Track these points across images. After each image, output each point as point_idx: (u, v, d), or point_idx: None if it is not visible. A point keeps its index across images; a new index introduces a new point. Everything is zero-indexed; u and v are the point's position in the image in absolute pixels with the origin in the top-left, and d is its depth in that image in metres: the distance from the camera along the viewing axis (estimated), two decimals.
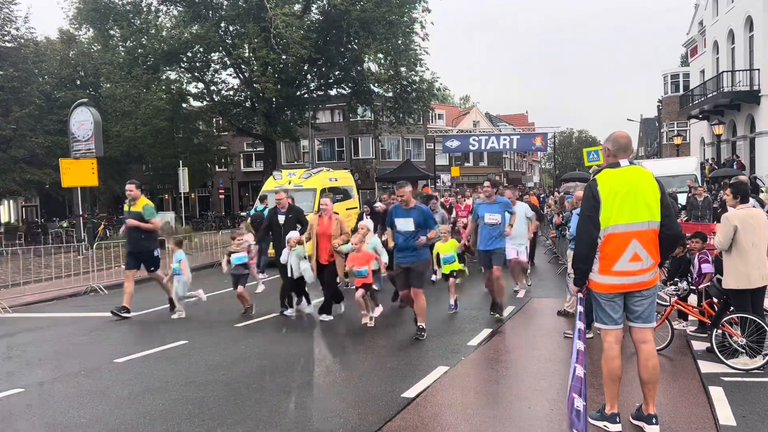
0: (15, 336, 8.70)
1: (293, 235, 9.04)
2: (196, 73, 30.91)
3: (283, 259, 8.96)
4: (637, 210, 4.25)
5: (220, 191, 46.58)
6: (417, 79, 29.51)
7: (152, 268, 9.93)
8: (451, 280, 9.18)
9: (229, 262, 9.78)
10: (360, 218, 12.55)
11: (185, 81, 31.55)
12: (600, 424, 4.50)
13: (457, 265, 9.15)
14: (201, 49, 29.31)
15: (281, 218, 9.70)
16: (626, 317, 4.48)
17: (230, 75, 31.66)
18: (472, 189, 19.73)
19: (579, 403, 3.77)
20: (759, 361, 5.79)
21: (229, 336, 8.12)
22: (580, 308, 4.55)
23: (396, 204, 8.07)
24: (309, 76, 31.70)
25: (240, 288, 9.51)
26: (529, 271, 12.85)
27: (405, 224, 7.65)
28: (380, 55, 28.06)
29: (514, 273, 10.64)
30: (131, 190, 9.76)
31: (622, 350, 4.52)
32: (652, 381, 4.39)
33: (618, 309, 4.40)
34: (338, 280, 9.34)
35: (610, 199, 4.25)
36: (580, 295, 4.63)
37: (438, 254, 9.32)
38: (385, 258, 8.94)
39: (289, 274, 8.91)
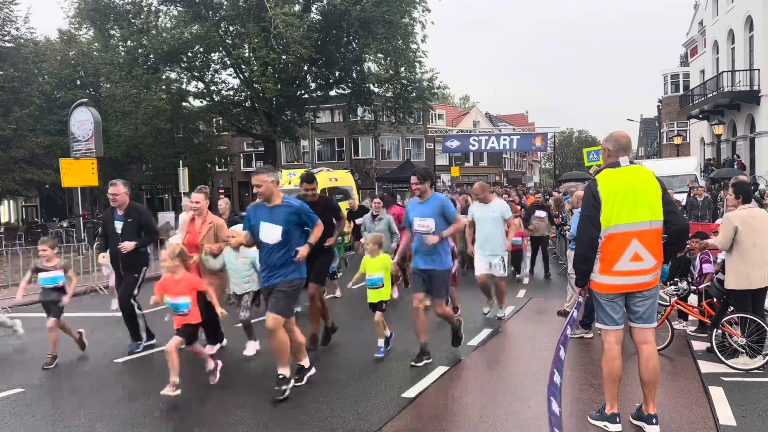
0: (15, 336, 8.69)
1: (176, 240, 7.06)
2: (195, 73, 30.92)
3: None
4: (638, 210, 4.24)
5: (220, 191, 46.54)
6: (417, 77, 29.52)
7: None
8: (378, 315, 6.66)
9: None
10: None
11: (185, 81, 31.57)
12: (600, 424, 4.50)
13: (386, 293, 6.73)
14: (201, 49, 29.30)
15: (118, 225, 7.10)
16: (627, 317, 4.48)
17: (230, 75, 31.67)
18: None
19: (555, 407, 3.74)
20: (759, 361, 5.79)
21: (229, 336, 8.10)
22: (575, 312, 4.52)
23: (255, 203, 5.68)
24: (309, 76, 31.70)
25: (50, 321, 6.75)
26: (527, 280, 12.30)
27: (269, 232, 5.37)
28: (380, 55, 28.08)
29: (487, 291, 8.55)
30: None
31: (623, 350, 4.52)
32: (652, 381, 4.39)
33: (619, 309, 4.39)
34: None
35: (611, 199, 4.24)
36: (580, 298, 4.62)
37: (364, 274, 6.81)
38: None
39: None
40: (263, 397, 5.49)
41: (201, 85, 31.72)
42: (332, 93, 33.80)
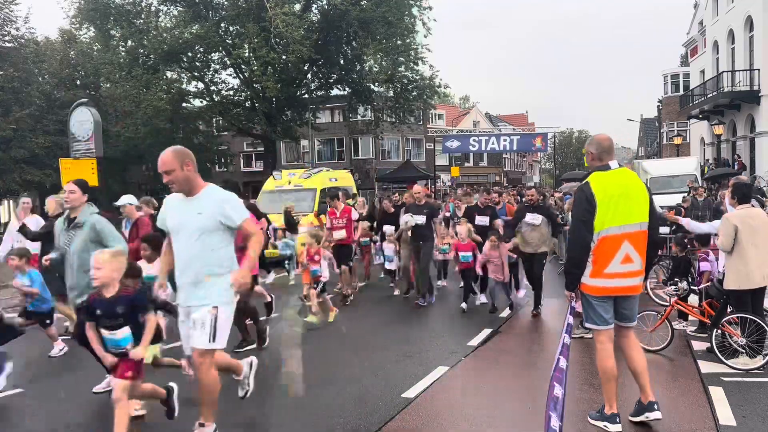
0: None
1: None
2: (195, 73, 30.92)
3: None
4: (630, 212, 4.31)
5: None
6: (417, 77, 29.51)
7: None
8: None
9: None
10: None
11: (185, 81, 31.57)
12: (600, 424, 4.50)
13: None
14: (201, 49, 29.32)
15: None
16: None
17: (230, 75, 31.71)
18: (466, 188, 18.80)
19: (555, 422, 3.57)
20: (759, 361, 5.79)
21: (229, 336, 8.09)
22: (570, 318, 4.49)
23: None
24: (309, 76, 31.73)
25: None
26: (507, 312, 9.00)
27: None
28: (379, 56, 28.09)
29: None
30: None
31: (616, 350, 4.54)
32: (642, 370, 4.52)
33: (609, 309, 4.46)
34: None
35: (605, 203, 4.28)
36: (573, 303, 4.59)
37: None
38: None
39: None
40: (263, 397, 5.49)
41: (201, 85, 31.74)
42: (332, 93, 33.82)
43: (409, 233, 9.69)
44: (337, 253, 9.88)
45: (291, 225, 12.05)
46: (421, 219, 9.52)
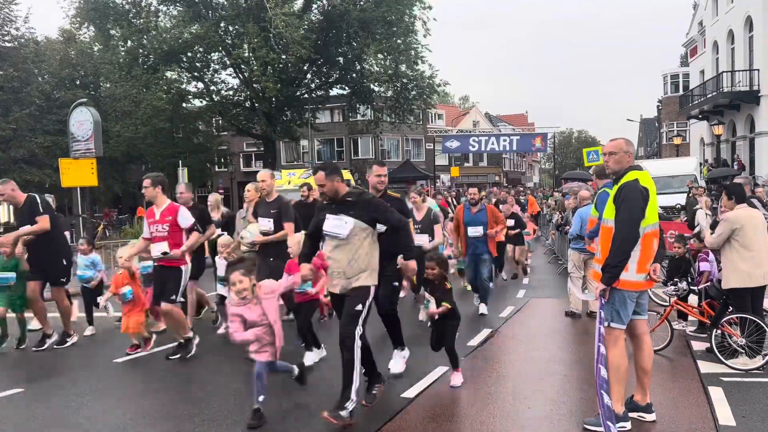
0: (15, 336, 8.68)
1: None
2: (195, 73, 30.92)
3: None
4: (656, 210, 4.48)
5: (220, 191, 46.60)
6: (417, 75, 29.51)
7: None
8: None
9: None
10: None
11: (185, 81, 31.58)
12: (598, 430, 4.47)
13: None
14: (201, 49, 29.31)
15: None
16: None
17: (230, 75, 31.71)
18: (458, 189, 18.40)
19: (608, 400, 3.92)
20: (758, 361, 5.80)
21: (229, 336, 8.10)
22: (602, 313, 4.43)
23: None
24: (309, 76, 31.73)
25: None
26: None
27: None
28: (380, 56, 28.09)
29: None
30: None
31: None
32: (650, 369, 4.61)
33: (632, 307, 4.50)
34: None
35: (651, 199, 4.41)
36: (602, 299, 4.48)
37: None
38: None
39: None
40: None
41: (201, 85, 31.74)
42: (332, 93, 33.82)
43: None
44: (158, 280, 6.57)
45: None
46: (267, 224, 6.61)
